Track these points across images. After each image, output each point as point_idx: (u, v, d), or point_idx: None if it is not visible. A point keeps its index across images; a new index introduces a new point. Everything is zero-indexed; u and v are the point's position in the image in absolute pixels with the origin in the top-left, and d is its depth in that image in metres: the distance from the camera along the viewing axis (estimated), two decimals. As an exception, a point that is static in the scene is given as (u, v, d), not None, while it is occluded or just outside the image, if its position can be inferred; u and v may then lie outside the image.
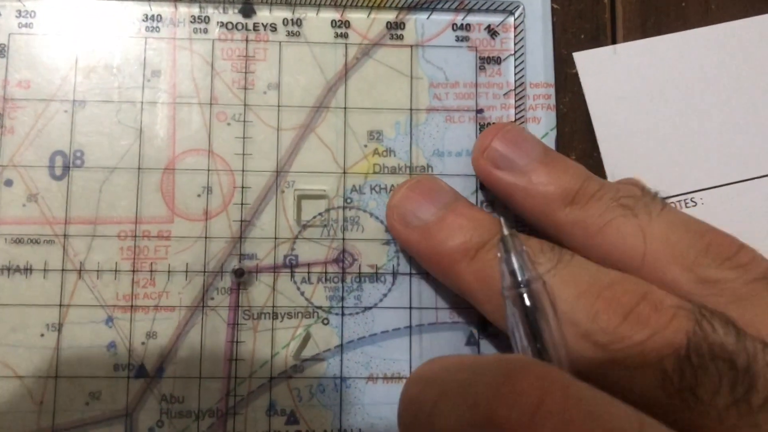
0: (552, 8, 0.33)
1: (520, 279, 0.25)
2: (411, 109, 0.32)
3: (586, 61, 0.33)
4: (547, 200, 0.27)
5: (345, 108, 0.32)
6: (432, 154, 0.32)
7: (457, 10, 0.32)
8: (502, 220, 0.27)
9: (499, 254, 0.26)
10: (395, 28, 0.32)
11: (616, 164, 0.32)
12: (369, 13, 0.32)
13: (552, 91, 0.32)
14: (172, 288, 0.30)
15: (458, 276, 0.27)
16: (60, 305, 0.30)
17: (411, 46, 0.32)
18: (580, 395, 0.19)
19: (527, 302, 0.24)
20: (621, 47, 0.33)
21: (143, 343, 0.30)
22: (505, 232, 0.26)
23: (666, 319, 0.23)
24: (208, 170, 0.31)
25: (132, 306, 0.30)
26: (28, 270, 0.30)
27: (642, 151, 0.32)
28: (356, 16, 0.32)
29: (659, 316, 0.23)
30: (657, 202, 0.27)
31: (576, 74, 0.33)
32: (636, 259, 0.26)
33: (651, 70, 0.33)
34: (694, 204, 0.32)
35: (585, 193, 0.27)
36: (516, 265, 0.25)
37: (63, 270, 0.30)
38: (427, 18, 0.32)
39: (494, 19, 0.33)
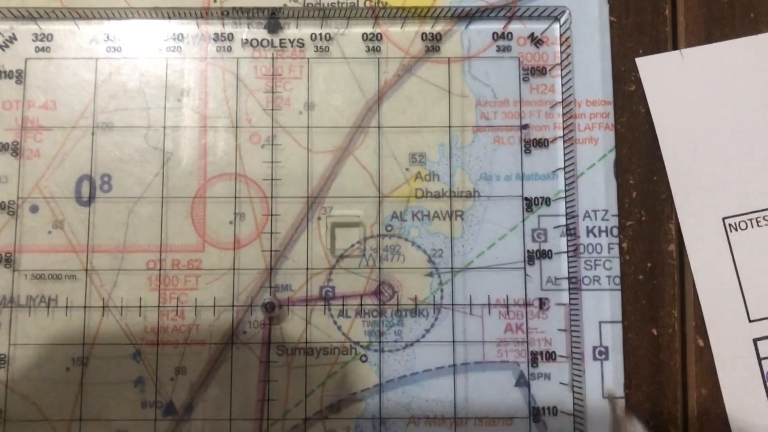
0: (609, 21, 0.30)
1: None
2: (458, 127, 0.30)
3: (650, 67, 0.30)
4: None
5: (382, 127, 0.30)
6: (479, 178, 0.30)
7: (499, 18, 0.30)
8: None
9: None
10: (432, 39, 0.30)
11: (683, 179, 0.30)
12: (402, 25, 0.30)
13: (610, 109, 0.30)
14: (201, 321, 0.29)
15: None
16: (83, 342, 0.29)
17: (455, 60, 0.30)
18: None
19: None
20: (688, 52, 0.30)
21: (172, 379, 0.28)
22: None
23: None
24: (236, 197, 0.29)
25: (159, 340, 0.29)
26: (52, 303, 0.29)
27: (710, 164, 0.30)
28: (390, 29, 0.30)
29: None
30: None
31: (634, 92, 0.30)
32: None
33: (720, 77, 0.30)
34: (766, 223, 0.29)
35: None
36: None
37: (86, 306, 0.29)
38: (466, 27, 0.30)
39: (538, 27, 0.30)
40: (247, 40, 0.30)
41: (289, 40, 0.30)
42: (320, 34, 0.30)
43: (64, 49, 0.30)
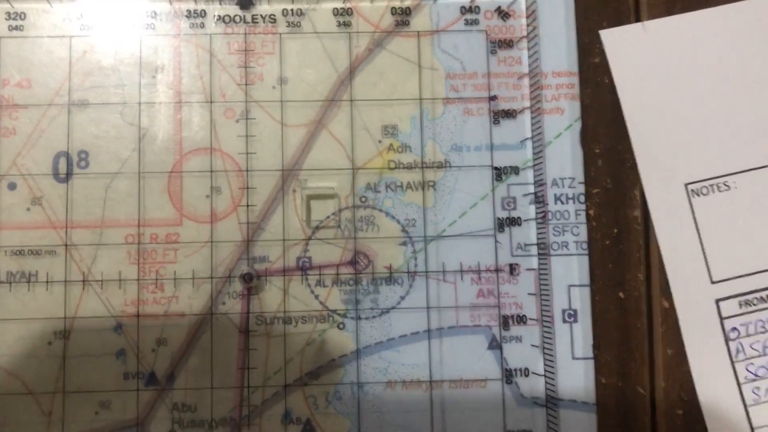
0: (573, -7, 0.31)
1: None
2: (428, 100, 0.30)
3: (613, 39, 0.31)
4: None
5: (354, 101, 0.30)
6: (450, 149, 0.30)
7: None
8: None
9: None
10: (401, 14, 0.31)
11: (646, 147, 0.30)
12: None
13: (576, 80, 0.31)
14: (181, 293, 0.29)
15: None
16: (65, 316, 0.29)
17: (425, 34, 0.31)
18: None
19: None
20: (650, 24, 0.31)
21: (153, 350, 0.29)
22: None
23: None
24: (212, 171, 0.30)
25: (139, 312, 0.29)
26: (33, 278, 0.29)
27: (673, 132, 0.31)
28: (360, 4, 0.31)
29: None
30: None
31: (598, 64, 0.31)
32: None
33: (682, 48, 0.31)
34: (727, 188, 0.30)
35: None
36: None
37: (66, 281, 0.29)
38: (434, 2, 0.31)
39: (505, 0, 0.31)
40: (219, 16, 0.31)
41: (261, 15, 0.31)
42: (292, 10, 0.31)
43: (37, 28, 0.30)
